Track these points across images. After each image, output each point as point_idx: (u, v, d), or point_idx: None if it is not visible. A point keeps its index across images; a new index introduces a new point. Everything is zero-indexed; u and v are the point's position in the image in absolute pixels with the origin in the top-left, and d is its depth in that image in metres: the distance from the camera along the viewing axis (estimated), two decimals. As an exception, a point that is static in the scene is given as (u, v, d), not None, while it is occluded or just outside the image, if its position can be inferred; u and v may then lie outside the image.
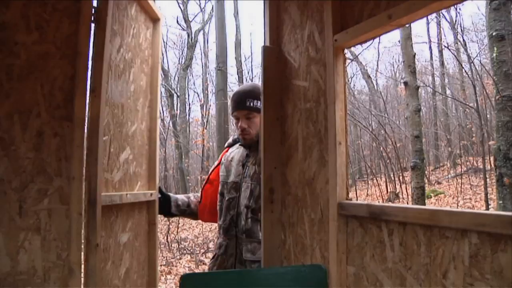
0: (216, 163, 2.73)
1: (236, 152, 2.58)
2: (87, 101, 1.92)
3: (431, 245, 1.37)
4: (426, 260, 1.39)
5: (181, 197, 2.76)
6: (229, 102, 2.72)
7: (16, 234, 1.79)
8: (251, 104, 2.43)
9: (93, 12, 1.96)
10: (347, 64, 2.09)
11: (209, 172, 2.72)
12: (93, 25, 1.97)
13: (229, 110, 2.94)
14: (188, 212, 2.74)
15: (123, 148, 2.20)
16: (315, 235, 1.91)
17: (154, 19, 2.62)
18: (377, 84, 19.61)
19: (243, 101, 2.44)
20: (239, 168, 2.48)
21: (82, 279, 1.87)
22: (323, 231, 1.86)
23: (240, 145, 2.57)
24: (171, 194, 2.74)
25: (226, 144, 2.79)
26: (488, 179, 8.71)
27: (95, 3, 1.99)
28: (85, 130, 1.92)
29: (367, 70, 17.96)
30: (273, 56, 2.20)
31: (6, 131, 1.81)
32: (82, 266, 1.88)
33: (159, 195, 2.66)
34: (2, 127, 1.80)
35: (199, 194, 2.76)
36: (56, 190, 1.86)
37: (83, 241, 1.89)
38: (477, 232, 1.22)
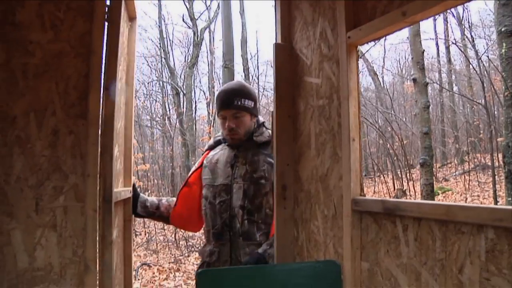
0: (196, 165, 2.57)
1: (221, 153, 2.46)
2: (101, 99, 1.93)
3: (447, 240, 1.38)
4: (441, 255, 1.40)
5: (151, 199, 2.58)
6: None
7: (33, 231, 1.82)
8: (239, 102, 2.33)
9: (106, 10, 1.98)
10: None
11: (188, 175, 2.57)
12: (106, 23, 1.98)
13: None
14: (157, 215, 2.56)
15: (114, 145, 2.21)
16: (328, 231, 1.92)
17: (131, 18, 2.60)
18: (383, 81, 19.54)
19: (230, 100, 2.33)
20: (228, 170, 2.36)
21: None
22: (336, 227, 1.87)
23: (227, 145, 2.45)
24: (141, 195, 2.56)
25: (206, 147, 2.64)
26: (496, 176, 8.67)
27: (107, 2, 2.00)
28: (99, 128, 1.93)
29: (373, 67, 17.91)
30: (285, 53, 2.21)
31: (22, 129, 1.83)
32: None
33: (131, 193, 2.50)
34: (18, 125, 1.83)
35: (174, 199, 2.59)
36: (71, 187, 1.88)
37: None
38: (493, 227, 1.23)
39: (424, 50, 7.00)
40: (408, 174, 12.60)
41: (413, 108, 17.45)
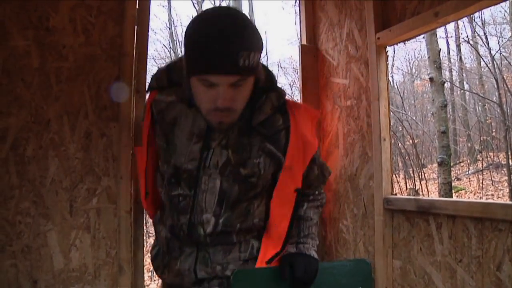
0: (142, 112, 1.69)
1: (181, 110, 1.45)
2: (133, 101, 1.96)
3: (483, 238, 1.40)
4: (477, 252, 1.41)
5: None
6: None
7: (68, 232, 1.85)
8: (247, 62, 1.22)
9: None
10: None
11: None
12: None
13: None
14: None
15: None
16: (358, 230, 1.94)
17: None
18: (393, 80, 19.46)
19: (233, 57, 1.20)
20: (195, 148, 1.41)
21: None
22: (366, 226, 1.88)
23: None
24: None
25: (153, 82, 1.53)
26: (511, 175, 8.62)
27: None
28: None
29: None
30: (311, 54, 2.23)
31: (57, 132, 1.86)
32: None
33: None
34: (52, 128, 1.86)
35: None
36: (104, 189, 1.91)
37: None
38: (533, 224, 1.25)
39: (440, 49, 6.97)
40: (420, 174, 12.54)
41: (423, 108, 17.38)
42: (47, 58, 1.86)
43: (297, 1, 2.39)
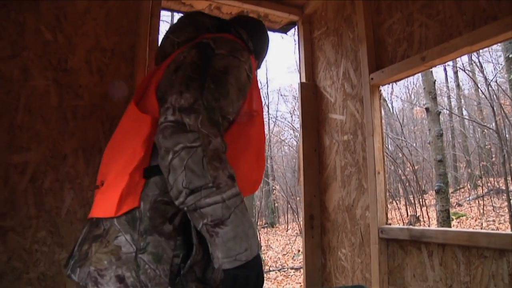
0: (247, 70, 1.25)
1: None
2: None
3: (471, 265, 1.51)
4: (466, 278, 1.52)
5: None
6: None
7: (82, 260, 1.95)
8: None
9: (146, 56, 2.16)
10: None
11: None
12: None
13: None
14: None
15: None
16: (355, 258, 2.04)
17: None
18: (392, 107, 19.66)
19: None
20: None
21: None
22: (363, 254, 1.99)
23: None
24: None
25: (248, 44, 1.39)
26: (511, 201, 8.67)
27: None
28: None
29: (382, 93, 17.99)
30: (310, 91, 2.37)
31: (72, 165, 1.99)
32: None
33: None
34: (69, 162, 1.98)
35: None
36: (116, 219, 2.02)
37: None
38: (514, 252, 1.36)
39: (435, 80, 7.17)
40: (420, 200, 12.57)
41: (423, 134, 17.50)
42: (64, 96, 2.00)
43: (296, 31, 2.54)
